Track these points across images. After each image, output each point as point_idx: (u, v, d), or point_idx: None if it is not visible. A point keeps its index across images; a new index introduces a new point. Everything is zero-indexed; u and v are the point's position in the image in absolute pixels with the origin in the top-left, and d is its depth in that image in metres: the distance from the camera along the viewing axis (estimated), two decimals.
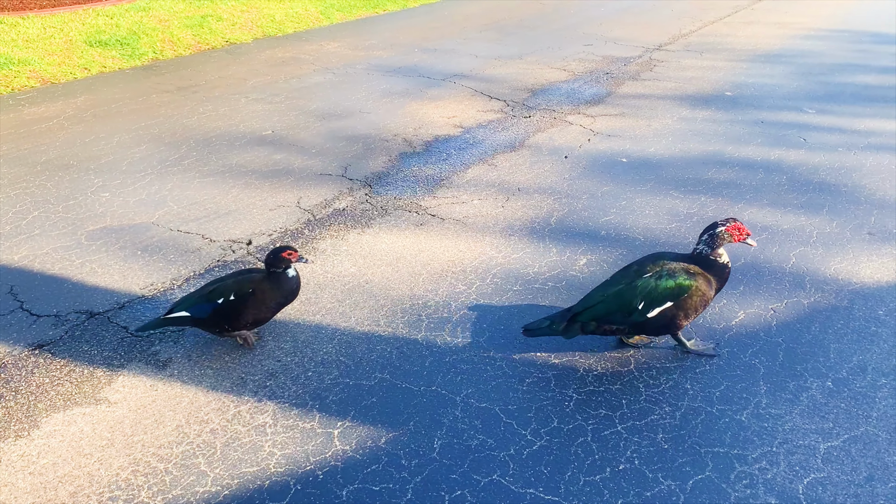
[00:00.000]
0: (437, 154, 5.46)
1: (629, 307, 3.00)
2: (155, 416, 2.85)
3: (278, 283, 3.21)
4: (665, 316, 3.01)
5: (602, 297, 3.07)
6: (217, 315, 3.13)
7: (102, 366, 3.14)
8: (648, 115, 6.27)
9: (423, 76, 7.41)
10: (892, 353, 3.20)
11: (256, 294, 3.15)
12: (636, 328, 3.07)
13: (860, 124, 5.95)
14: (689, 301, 3.00)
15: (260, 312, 3.19)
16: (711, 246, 3.05)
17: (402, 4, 11.06)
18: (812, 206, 4.56)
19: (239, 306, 3.13)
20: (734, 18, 10.07)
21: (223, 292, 3.13)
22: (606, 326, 3.07)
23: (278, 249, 3.20)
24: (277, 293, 3.20)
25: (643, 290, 3.00)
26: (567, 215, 4.51)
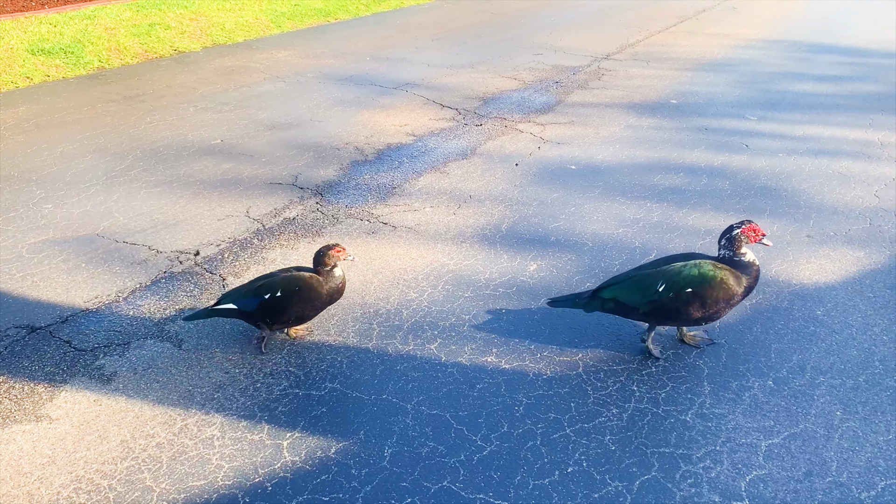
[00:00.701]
0: (389, 162, 5.47)
1: (650, 288, 3.08)
2: (99, 432, 2.78)
3: (325, 282, 3.24)
4: (680, 300, 3.04)
5: (626, 278, 3.19)
6: (262, 310, 3.18)
7: (44, 381, 3.06)
8: (597, 122, 6.37)
9: (374, 85, 7.41)
10: (830, 351, 3.31)
11: (303, 292, 3.19)
12: (652, 308, 3.10)
13: (799, 130, 6.15)
14: (709, 291, 3.04)
15: (304, 310, 3.23)
16: (732, 248, 3.13)
17: (353, 13, 11.06)
18: (754, 209, 4.69)
19: (284, 303, 3.18)
20: (679, 29, 10.31)
21: (271, 288, 3.18)
22: (625, 305, 3.14)
23: (326, 247, 3.25)
24: (323, 292, 3.23)
25: (666, 273, 3.09)
26: (518, 222, 4.55)
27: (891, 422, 2.88)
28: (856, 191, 4.96)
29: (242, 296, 3.22)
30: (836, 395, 3.02)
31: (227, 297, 3.27)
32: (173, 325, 3.47)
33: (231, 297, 3.24)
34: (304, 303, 3.21)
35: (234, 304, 3.21)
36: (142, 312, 3.57)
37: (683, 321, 3.16)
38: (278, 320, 3.23)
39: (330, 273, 3.25)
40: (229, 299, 3.24)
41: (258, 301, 3.17)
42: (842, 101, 6.96)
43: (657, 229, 4.45)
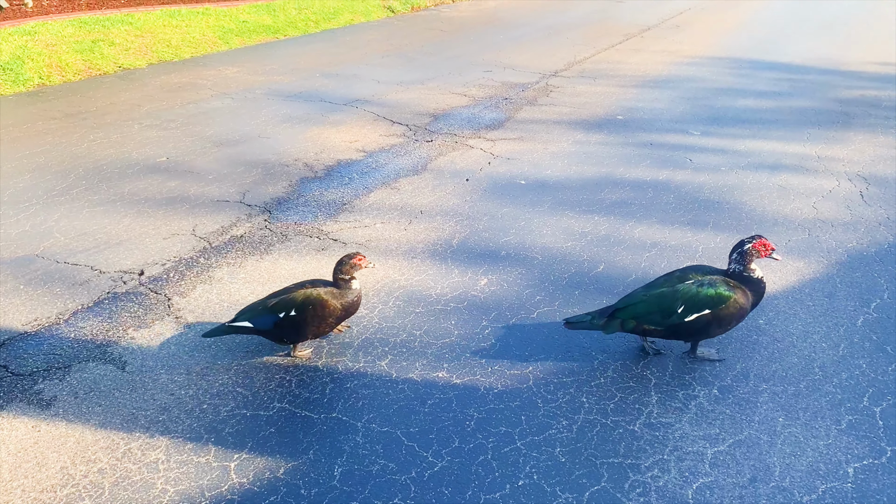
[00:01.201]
0: (339, 178, 5.45)
1: (669, 309, 3.15)
2: (37, 459, 2.69)
3: (341, 295, 3.25)
4: (700, 322, 3.16)
5: (644, 297, 3.23)
6: (278, 328, 3.18)
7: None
8: (545, 138, 6.46)
9: (324, 101, 7.39)
10: (772, 359, 3.39)
11: (317, 309, 3.19)
12: (671, 330, 3.20)
13: (740, 145, 6.33)
14: (725, 311, 3.15)
15: (321, 327, 3.24)
16: (742, 263, 3.23)
17: (302, 30, 11.02)
18: (698, 222, 4.80)
19: (300, 321, 3.18)
20: (624, 46, 10.54)
21: (286, 306, 3.18)
22: (645, 326, 3.21)
23: (348, 256, 3.27)
24: (339, 307, 3.24)
25: (685, 294, 3.16)
26: (468, 237, 4.57)
27: (830, 426, 2.96)
28: (795, 203, 5.12)
29: (258, 313, 3.21)
30: (778, 402, 3.10)
31: (243, 314, 3.26)
32: (116, 347, 3.38)
33: (247, 315, 3.24)
34: (321, 321, 3.22)
35: (249, 322, 3.21)
36: (83, 335, 3.47)
37: (703, 338, 3.28)
38: (295, 338, 3.25)
39: (348, 285, 3.27)
40: (245, 316, 3.24)
41: (274, 320, 3.17)
42: (781, 117, 7.20)
43: (605, 242, 4.52)
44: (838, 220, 4.85)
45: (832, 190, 5.35)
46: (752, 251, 3.22)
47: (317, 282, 3.32)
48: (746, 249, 3.23)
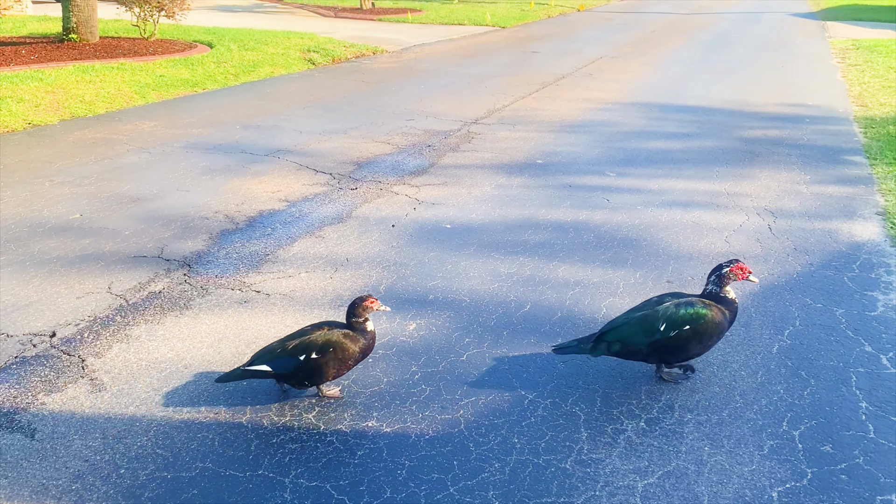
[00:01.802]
0: (262, 229, 5.37)
1: (651, 328, 3.32)
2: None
3: (358, 338, 3.25)
4: (681, 338, 3.31)
5: (626, 320, 3.41)
6: (300, 371, 3.16)
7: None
8: (469, 183, 6.55)
9: (245, 152, 7.31)
10: (695, 390, 3.47)
11: (338, 352, 3.19)
12: (654, 348, 3.35)
13: (654, 184, 6.57)
14: (704, 327, 3.33)
15: (339, 370, 3.24)
16: (719, 285, 3.41)
17: (221, 83, 10.94)
18: (617, 260, 4.93)
19: (321, 363, 3.17)
20: (541, 94, 10.88)
21: (306, 348, 3.16)
22: (630, 347, 3.36)
23: (360, 299, 3.28)
24: (357, 349, 3.24)
25: (664, 313, 3.34)
26: (396, 282, 4.56)
27: (753, 452, 3.03)
28: (708, 238, 5.33)
29: (276, 356, 3.17)
30: (703, 431, 3.16)
31: (259, 358, 3.22)
32: (25, 415, 3.19)
33: (264, 359, 3.20)
34: (341, 363, 3.22)
35: (268, 366, 3.18)
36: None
37: (683, 357, 3.42)
38: (316, 381, 3.24)
39: (363, 327, 3.28)
40: (262, 360, 3.19)
41: (294, 363, 3.14)
42: (690, 156, 7.52)
43: (530, 283, 4.58)
44: (749, 252, 5.07)
45: (742, 224, 5.59)
46: (730, 274, 3.40)
47: (332, 323, 3.34)
48: (724, 273, 3.41)
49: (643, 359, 3.42)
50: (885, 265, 4.86)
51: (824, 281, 4.60)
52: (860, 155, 7.62)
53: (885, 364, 3.70)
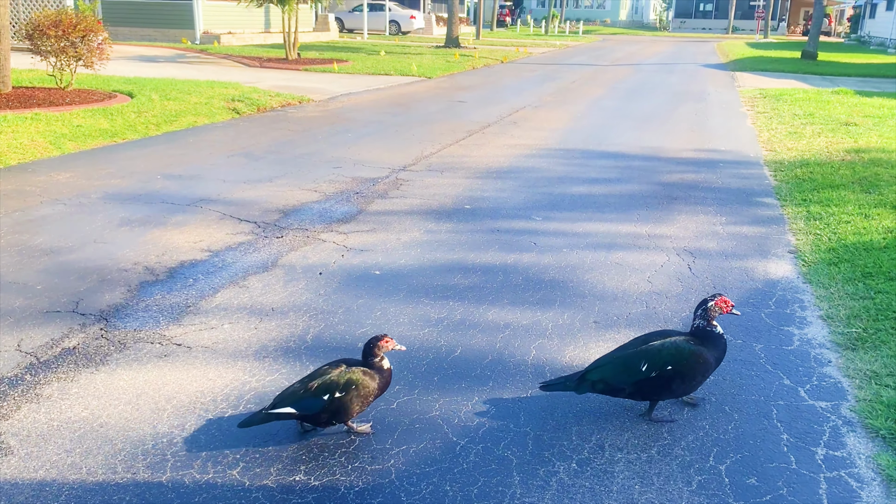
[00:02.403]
0: (183, 280, 5.21)
1: (634, 368, 3.37)
2: None
3: (375, 375, 3.31)
4: (663, 378, 3.37)
5: (610, 360, 3.47)
6: (325, 411, 3.21)
7: None
8: (398, 229, 6.55)
9: (166, 203, 7.13)
10: (624, 428, 3.50)
11: (360, 388, 3.25)
12: (637, 388, 3.41)
13: (579, 227, 6.71)
14: (687, 366, 3.39)
15: (362, 407, 3.30)
16: (706, 318, 3.49)
17: (142, 133, 10.70)
18: (546, 301, 4.99)
19: (346, 401, 3.22)
20: (468, 141, 11.06)
21: (328, 388, 3.20)
22: (613, 386, 3.41)
23: (375, 338, 3.35)
24: (375, 385, 3.30)
25: (647, 353, 3.40)
26: (323, 331, 4.47)
27: (682, 488, 3.06)
28: (631, 278, 5.45)
29: (300, 398, 3.21)
30: (633, 470, 3.18)
31: (283, 400, 3.23)
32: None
33: (288, 401, 3.22)
34: (363, 400, 3.27)
35: (292, 407, 3.20)
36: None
37: (667, 396, 3.47)
38: (340, 419, 3.28)
39: (380, 364, 3.34)
40: (286, 403, 3.21)
41: (320, 403, 3.18)
42: (612, 201, 7.74)
43: (460, 327, 4.57)
44: (671, 291, 5.21)
45: (663, 265, 5.76)
46: (715, 308, 3.48)
47: (348, 361, 3.39)
48: (710, 306, 3.48)
49: (627, 396, 3.49)
50: (798, 301, 5.07)
51: (743, 318, 4.75)
52: (771, 196, 8.00)
53: (803, 396, 3.83)
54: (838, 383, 3.96)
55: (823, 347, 4.38)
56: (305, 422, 3.32)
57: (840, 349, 4.34)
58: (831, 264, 5.70)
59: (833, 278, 5.42)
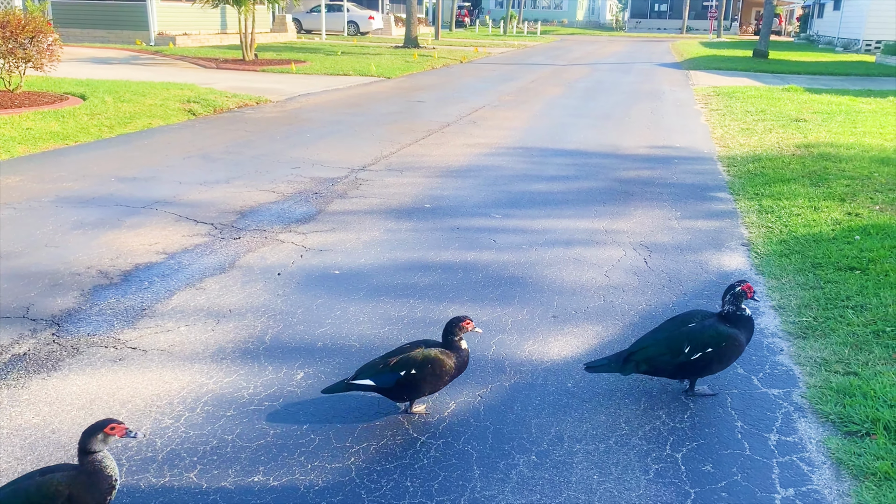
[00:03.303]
0: (138, 283, 5.12)
1: (677, 350, 3.54)
2: None
3: (454, 355, 3.41)
4: (704, 359, 3.56)
5: (654, 341, 3.61)
6: (399, 385, 3.33)
7: None
8: (357, 228, 6.52)
9: (120, 205, 6.99)
10: (583, 419, 3.54)
11: (435, 368, 3.35)
12: (679, 368, 3.59)
13: (537, 224, 6.77)
14: (726, 348, 3.57)
15: (436, 385, 3.41)
16: (736, 304, 3.63)
17: (95, 136, 10.47)
18: (505, 298, 5.02)
19: (420, 379, 3.34)
20: (427, 141, 11.07)
21: (405, 364, 3.33)
22: (657, 366, 3.59)
23: (458, 319, 3.46)
24: (453, 365, 3.40)
25: (689, 335, 3.56)
26: (282, 331, 4.44)
27: (640, 477, 3.11)
28: (589, 273, 5.51)
29: (379, 372, 3.36)
30: (591, 461, 3.22)
31: (362, 372, 3.40)
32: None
33: (367, 373, 3.38)
34: (437, 379, 3.38)
35: (371, 380, 3.36)
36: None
37: (705, 374, 3.67)
38: (414, 395, 3.42)
39: (458, 345, 3.44)
40: (366, 375, 3.38)
41: (395, 378, 3.32)
42: (571, 197, 7.82)
43: (421, 324, 4.57)
44: (628, 285, 5.28)
45: (620, 259, 5.83)
46: (742, 293, 3.63)
47: (428, 342, 3.50)
48: (738, 291, 3.63)
49: (669, 376, 3.68)
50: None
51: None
52: (725, 191, 8.16)
53: (756, 384, 3.91)
54: (790, 371, 4.06)
55: (776, 336, 4.48)
56: (381, 394, 3.44)
57: (791, 338, 4.45)
58: (783, 256, 5.85)
59: (784, 269, 5.55)
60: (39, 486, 2.44)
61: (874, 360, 4.11)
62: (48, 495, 2.42)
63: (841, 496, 3.02)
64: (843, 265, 5.56)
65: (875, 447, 3.30)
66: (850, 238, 6.18)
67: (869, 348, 4.25)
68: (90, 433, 2.52)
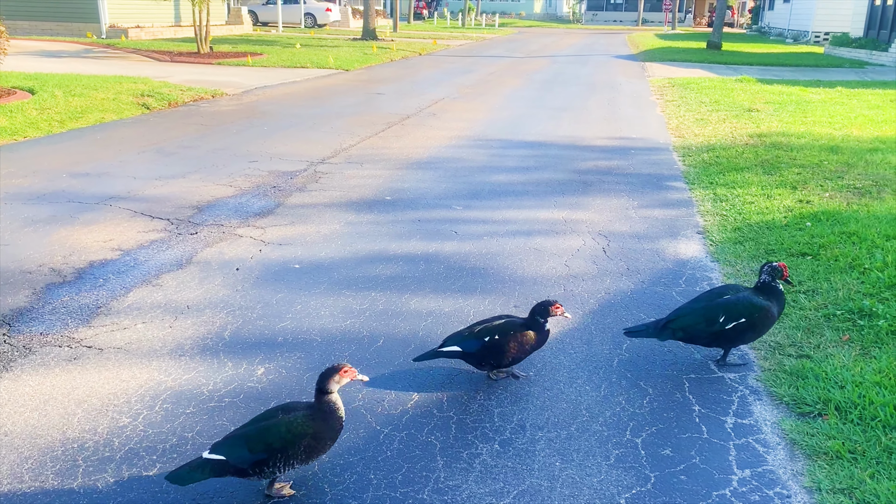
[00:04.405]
0: (93, 281, 5.00)
1: (713, 319, 3.78)
2: None
3: (537, 332, 3.66)
4: (738, 328, 3.79)
5: (691, 311, 3.86)
6: (483, 350, 3.57)
7: None
8: (317, 222, 6.47)
9: (73, 201, 6.83)
10: (545, 408, 3.58)
11: (517, 337, 3.60)
12: (714, 337, 3.84)
13: (498, 215, 6.80)
14: (759, 318, 3.82)
15: (518, 354, 3.63)
16: (772, 276, 3.90)
17: (45, 131, 10.19)
18: (467, 288, 5.03)
19: (502, 345, 3.58)
20: (387, 133, 11.02)
21: (489, 332, 3.58)
22: (693, 334, 3.83)
23: (547, 303, 3.66)
24: (532, 336, 3.64)
25: (725, 306, 3.80)
26: (241, 327, 4.39)
27: (601, 463, 3.16)
28: (549, 263, 5.56)
29: (464, 339, 3.62)
30: (553, 448, 3.25)
31: (450, 339, 3.66)
32: None
33: (454, 341, 3.64)
34: (518, 348, 3.61)
35: (458, 346, 3.60)
36: None
37: (738, 343, 3.93)
38: (497, 362, 3.63)
39: (542, 323, 3.67)
40: (452, 342, 3.63)
41: (479, 343, 3.57)
42: (530, 188, 7.87)
43: (383, 316, 4.56)
44: (587, 274, 5.34)
45: (579, 248, 5.89)
46: (779, 269, 3.89)
47: (512, 317, 3.75)
48: (776, 266, 3.90)
49: (704, 344, 3.92)
50: (707, 279, 5.28)
51: (655, 296, 4.92)
52: (680, 181, 8.29)
53: (712, 369, 3.99)
54: (745, 355, 4.15)
55: None
56: (468, 361, 3.66)
57: None
58: (737, 243, 5.97)
59: (739, 256, 5.67)
60: (289, 425, 2.76)
61: (825, 342, 4.23)
62: (298, 433, 2.76)
63: (795, 476, 3.10)
64: (795, 251, 5.70)
65: (827, 427, 3.40)
66: (802, 225, 6.34)
67: (820, 331, 4.37)
68: (327, 375, 2.87)
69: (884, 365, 3.89)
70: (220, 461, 2.71)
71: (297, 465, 2.79)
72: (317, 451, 2.83)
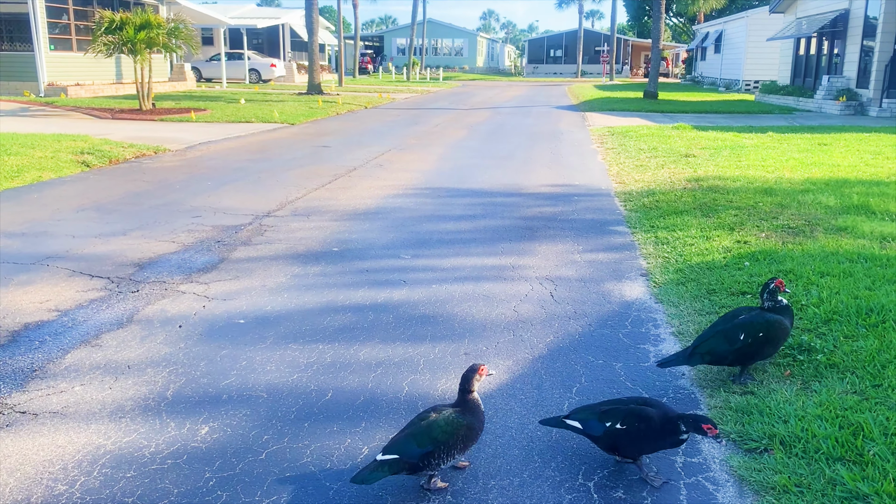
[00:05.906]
0: (28, 343, 4.82)
1: (734, 339, 4.10)
2: None
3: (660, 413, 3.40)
4: (756, 343, 4.12)
5: (713, 334, 4.19)
6: (607, 436, 3.33)
7: None
8: (263, 275, 6.39)
9: (7, 262, 6.61)
10: (497, 455, 3.55)
11: (643, 427, 3.30)
12: (737, 354, 4.14)
13: (446, 263, 6.83)
14: (774, 332, 4.16)
15: (644, 446, 3.33)
16: (773, 299, 4.29)
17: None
18: (417, 337, 5.01)
19: (632, 434, 3.29)
20: (334, 185, 11.03)
21: (614, 417, 3.32)
22: (718, 355, 4.13)
23: (701, 419, 3.29)
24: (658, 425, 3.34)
25: (742, 325, 4.15)
26: (184, 385, 4.26)
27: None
28: (498, 308, 5.59)
29: (588, 418, 3.39)
30: (507, 496, 3.22)
31: (576, 412, 3.46)
32: None
33: (578, 416, 3.43)
34: (645, 439, 3.32)
35: (579, 423, 3.40)
36: None
37: (758, 359, 4.22)
38: (629, 454, 3.38)
39: (678, 427, 3.40)
40: (577, 417, 3.43)
41: (602, 428, 3.34)
42: (478, 236, 7.94)
43: (331, 369, 4.50)
44: (536, 318, 5.38)
45: (527, 294, 5.94)
46: (776, 288, 4.28)
47: (647, 401, 3.49)
48: (773, 287, 4.28)
49: (729, 364, 4.20)
50: (652, 320, 5.37)
51: (602, 339, 4.97)
52: (623, 225, 8.48)
53: None
54: (692, 394, 4.21)
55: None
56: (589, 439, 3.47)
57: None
58: (679, 284, 6.10)
59: (682, 297, 5.79)
60: (446, 420, 3.14)
61: (768, 378, 4.32)
62: (456, 426, 3.14)
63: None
64: (735, 290, 5.85)
65: (773, 462, 3.45)
66: (741, 264, 6.53)
67: (763, 367, 4.46)
68: (469, 377, 3.25)
69: (824, 398, 3.99)
70: (394, 459, 3.07)
71: (455, 454, 3.14)
72: (471, 440, 3.21)
